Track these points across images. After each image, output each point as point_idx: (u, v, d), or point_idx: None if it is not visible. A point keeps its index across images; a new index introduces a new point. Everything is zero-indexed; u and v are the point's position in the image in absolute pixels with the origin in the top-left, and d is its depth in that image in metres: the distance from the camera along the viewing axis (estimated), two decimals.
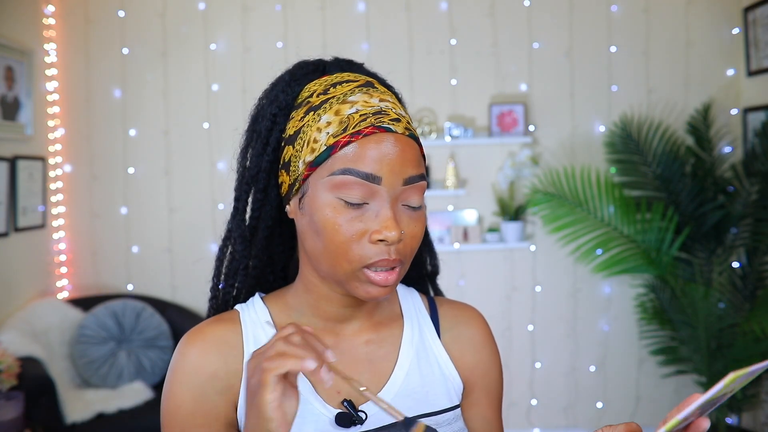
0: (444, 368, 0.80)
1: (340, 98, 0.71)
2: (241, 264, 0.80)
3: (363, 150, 0.68)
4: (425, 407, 0.77)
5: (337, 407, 0.73)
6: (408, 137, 0.71)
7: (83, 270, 3.41)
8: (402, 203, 0.70)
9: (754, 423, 3.12)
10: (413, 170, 0.70)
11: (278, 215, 0.79)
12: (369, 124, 0.69)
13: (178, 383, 0.72)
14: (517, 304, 3.42)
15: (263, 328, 0.76)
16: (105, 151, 3.41)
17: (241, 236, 0.79)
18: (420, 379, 0.78)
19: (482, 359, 0.83)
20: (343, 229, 0.68)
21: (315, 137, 0.70)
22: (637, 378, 3.38)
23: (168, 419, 0.73)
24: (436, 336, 0.82)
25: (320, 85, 0.74)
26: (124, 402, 2.75)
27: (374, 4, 3.38)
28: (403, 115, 0.73)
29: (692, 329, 2.76)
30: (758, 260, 2.94)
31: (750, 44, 3.18)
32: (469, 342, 0.83)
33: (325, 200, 0.69)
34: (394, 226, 0.67)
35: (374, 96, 0.72)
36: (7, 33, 2.94)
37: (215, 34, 3.39)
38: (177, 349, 0.75)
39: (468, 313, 0.86)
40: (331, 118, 0.70)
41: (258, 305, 0.79)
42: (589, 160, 3.30)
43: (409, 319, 0.81)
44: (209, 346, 0.74)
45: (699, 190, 2.98)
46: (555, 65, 3.37)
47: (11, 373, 2.30)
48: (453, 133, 3.25)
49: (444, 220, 3.37)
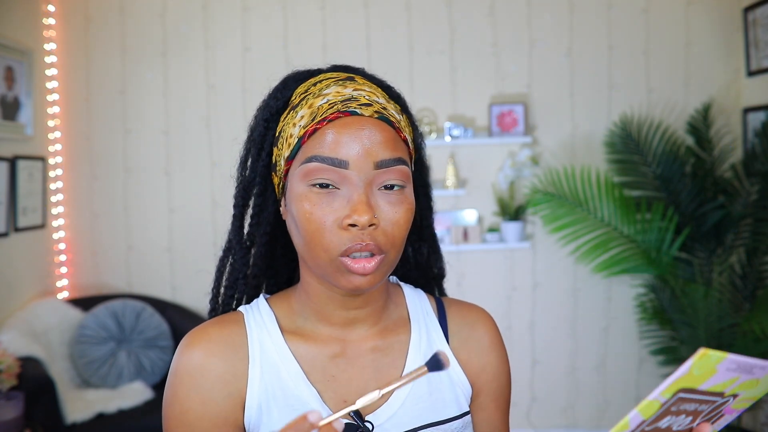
0: (453, 374, 0.78)
1: (316, 93, 0.71)
2: (241, 273, 0.79)
3: (327, 135, 0.67)
4: (433, 416, 0.75)
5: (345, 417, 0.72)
6: (378, 119, 0.69)
7: (83, 270, 3.41)
8: (377, 187, 0.68)
9: (754, 423, 3.12)
10: (386, 153, 0.68)
11: (277, 221, 0.79)
12: (335, 110, 0.68)
13: (183, 386, 0.70)
14: (517, 304, 3.42)
15: (269, 333, 0.74)
16: (105, 151, 3.41)
17: (239, 243, 0.79)
18: (428, 387, 0.75)
19: (490, 363, 0.81)
20: (315, 217, 0.67)
21: (291, 133, 0.71)
22: (637, 378, 3.38)
23: (173, 424, 0.70)
24: (444, 340, 0.80)
25: (304, 87, 0.75)
26: (124, 402, 2.75)
27: (374, 4, 3.38)
28: (380, 101, 0.71)
29: (692, 329, 2.76)
30: (758, 260, 2.94)
31: (750, 44, 3.18)
32: (477, 345, 0.81)
33: (298, 191, 0.69)
34: (365, 209, 0.65)
35: (348, 87, 0.71)
36: (7, 33, 2.94)
37: (215, 34, 3.39)
38: (179, 350, 0.73)
39: (476, 315, 0.84)
40: (305, 112, 0.70)
41: (263, 308, 0.77)
42: (589, 160, 3.30)
43: (416, 324, 0.79)
44: (214, 348, 0.72)
45: (699, 190, 2.98)
46: (555, 65, 3.37)
47: (11, 373, 2.29)
48: (453, 133, 3.25)
49: (444, 220, 3.37)
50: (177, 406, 0.70)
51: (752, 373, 0.53)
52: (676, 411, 0.53)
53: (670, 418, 0.53)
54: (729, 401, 0.56)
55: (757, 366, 0.53)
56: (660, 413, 0.52)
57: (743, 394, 0.56)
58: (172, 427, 0.71)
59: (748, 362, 0.52)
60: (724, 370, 0.51)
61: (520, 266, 3.42)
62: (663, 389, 0.50)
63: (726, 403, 0.56)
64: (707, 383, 0.52)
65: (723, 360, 0.50)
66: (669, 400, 0.51)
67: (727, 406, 0.57)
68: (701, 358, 0.49)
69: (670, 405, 0.52)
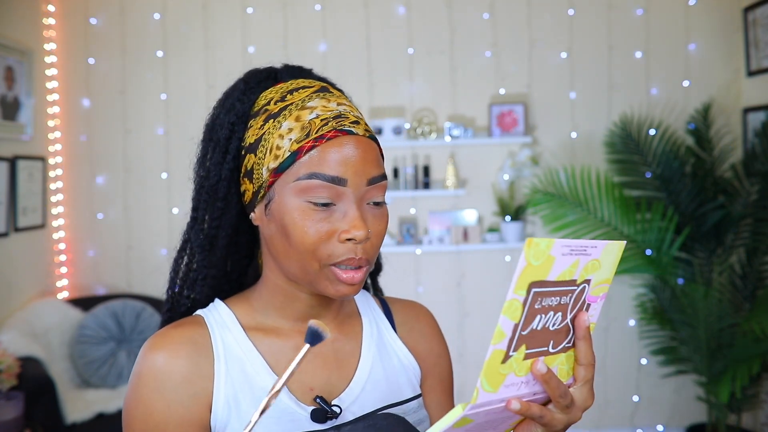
0: (403, 359, 0.84)
1: (299, 104, 0.73)
2: (200, 274, 0.79)
3: (327, 154, 0.70)
4: (391, 398, 0.80)
5: (311, 404, 0.74)
6: (368, 138, 0.73)
7: (83, 270, 3.41)
8: (366, 202, 0.73)
9: (754, 423, 3.12)
10: (375, 170, 0.72)
11: (237, 223, 0.79)
12: (331, 128, 0.71)
13: (148, 389, 0.71)
14: None
15: (230, 330, 0.76)
16: (105, 151, 3.41)
17: (200, 246, 0.79)
18: (383, 371, 0.81)
19: (433, 348, 0.88)
20: (311, 231, 0.70)
21: (278, 144, 0.71)
22: (637, 378, 3.38)
23: (138, 426, 0.70)
24: (392, 330, 0.86)
25: (277, 93, 0.76)
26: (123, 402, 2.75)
27: (374, 4, 3.38)
28: (360, 117, 0.76)
29: (692, 329, 2.76)
30: (758, 260, 2.94)
31: (750, 44, 3.18)
32: (420, 333, 0.88)
33: (292, 204, 0.70)
34: (362, 225, 0.70)
35: (331, 101, 0.74)
36: (7, 33, 2.94)
37: (215, 34, 3.39)
38: (141, 354, 0.73)
39: (417, 309, 0.91)
40: (293, 125, 0.71)
41: (221, 308, 0.79)
42: (589, 160, 3.30)
43: (366, 317, 0.85)
44: (178, 349, 0.72)
45: (699, 190, 2.98)
46: (555, 65, 3.37)
47: (11, 373, 2.29)
48: (453, 133, 3.25)
49: (444, 220, 3.37)
50: (141, 409, 0.70)
51: (587, 254, 0.56)
52: (540, 308, 0.55)
53: (540, 317, 0.55)
54: (585, 288, 0.59)
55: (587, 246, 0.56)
56: (527, 314, 0.54)
57: (594, 277, 0.59)
58: (135, 428, 0.71)
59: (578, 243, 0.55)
60: (560, 256, 0.54)
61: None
62: (514, 286, 0.52)
63: (584, 291, 0.59)
64: (552, 272, 0.54)
65: (553, 245, 0.52)
66: (527, 299, 0.53)
67: (587, 293, 0.60)
68: (530, 246, 0.51)
69: (532, 303, 0.54)
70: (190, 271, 0.80)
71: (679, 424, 3.36)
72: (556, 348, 0.59)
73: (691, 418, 3.32)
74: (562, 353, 0.60)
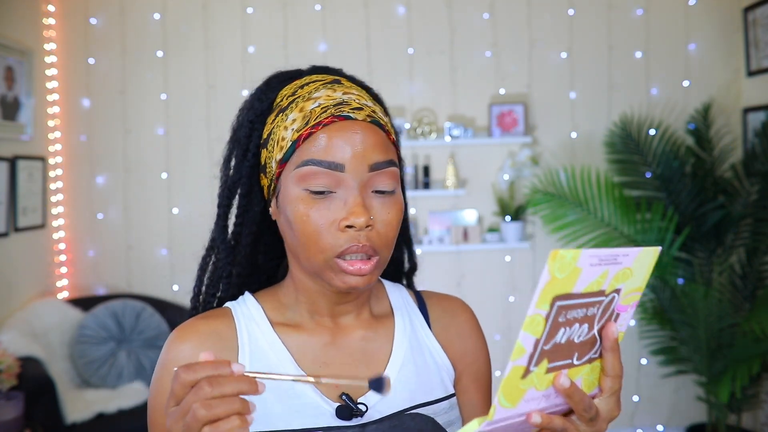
0: (437, 357, 0.81)
1: (305, 96, 0.73)
2: (224, 272, 0.80)
3: (323, 139, 0.69)
4: (421, 397, 0.77)
5: (337, 401, 0.73)
6: (370, 123, 0.71)
7: (83, 270, 3.41)
8: (372, 189, 0.70)
9: (754, 423, 3.12)
10: (379, 156, 0.70)
11: (262, 221, 0.79)
12: (329, 114, 0.70)
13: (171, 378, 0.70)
14: (517, 304, 3.42)
15: (257, 323, 0.76)
16: (105, 151, 3.41)
17: (224, 243, 0.79)
18: (415, 369, 0.78)
19: (470, 347, 0.85)
20: (311, 219, 0.69)
21: (282, 135, 0.72)
22: (637, 378, 3.37)
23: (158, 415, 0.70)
24: (426, 327, 0.83)
25: (290, 89, 0.76)
26: (124, 402, 2.75)
27: (374, 4, 3.38)
28: (369, 105, 0.74)
29: (692, 329, 2.76)
30: (758, 260, 2.94)
31: (750, 44, 3.18)
32: (456, 331, 0.85)
33: (293, 194, 0.70)
34: (362, 211, 0.68)
35: (338, 90, 0.73)
36: (7, 33, 2.94)
37: (215, 34, 3.39)
38: (167, 344, 0.73)
39: (455, 304, 0.87)
40: (296, 116, 0.72)
41: (250, 301, 0.79)
42: (589, 160, 3.30)
43: (399, 313, 0.82)
44: (203, 340, 0.73)
45: (699, 190, 2.98)
46: (555, 65, 3.37)
47: (11, 373, 2.29)
48: (453, 133, 3.25)
49: (444, 220, 3.37)
50: (163, 396, 0.70)
51: (618, 263, 0.53)
52: (564, 321, 0.52)
53: (564, 330, 0.52)
54: (615, 298, 0.56)
55: (618, 254, 0.52)
56: (550, 328, 0.51)
57: (624, 286, 0.56)
58: (157, 417, 0.70)
59: (607, 252, 0.51)
60: (587, 266, 0.50)
61: (520, 266, 3.42)
62: (536, 301, 0.49)
63: (613, 301, 0.56)
64: (579, 285, 0.51)
65: (580, 256, 0.49)
66: (550, 312, 0.50)
67: (617, 303, 0.56)
68: (554, 259, 0.48)
69: (555, 317, 0.51)
70: (215, 269, 0.80)
71: (679, 424, 3.36)
72: (581, 360, 0.56)
73: (691, 418, 3.32)
74: (587, 364, 0.57)
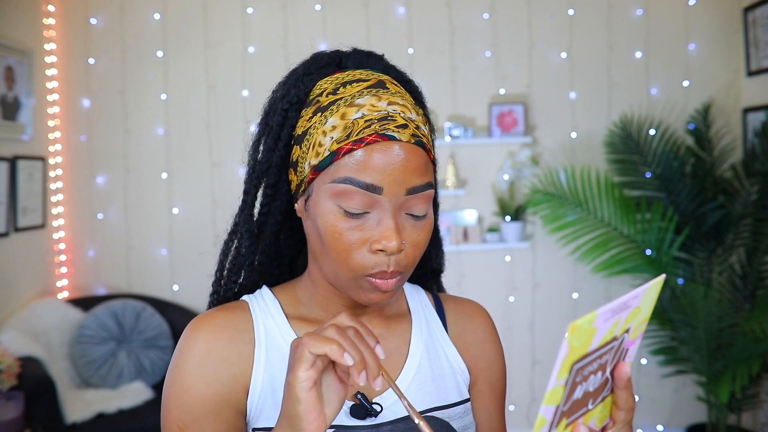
0: (452, 361, 0.80)
1: (348, 100, 0.69)
2: (248, 260, 0.79)
3: (365, 159, 0.66)
4: (437, 400, 0.77)
5: (351, 399, 0.73)
6: (414, 144, 0.68)
7: (83, 270, 3.41)
8: (405, 212, 0.69)
9: (754, 423, 3.12)
10: (417, 179, 0.68)
11: (287, 210, 0.78)
12: (373, 131, 0.67)
13: (188, 366, 0.71)
14: (517, 304, 3.42)
15: (274, 318, 0.76)
16: (105, 151, 3.41)
17: (248, 231, 0.78)
18: (430, 372, 0.78)
19: (486, 352, 0.84)
20: (343, 238, 0.67)
21: (320, 141, 0.69)
22: (637, 378, 3.37)
23: (174, 403, 0.70)
24: (443, 330, 0.82)
25: (331, 84, 0.72)
26: (124, 402, 2.75)
27: (374, 4, 3.38)
28: (412, 119, 0.70)
29: (692, 329, 2.76)
30: (758, 260, 2.94)
31: (750, 44, 3.18)
32: (473, 335, 0.84)
33: (326, 207, 0.68)
34: (395, 236, 0.66)
35: (383, 98, 0.70)
36: (7, 33, 2.94)
37: (215, 34, 3.39)
38: (184, 334, 0.73)
39: (472, 308, 0.87)
40: (337, 122, 0.68)
41: (267, 295, 0.78)
42: (589, 160, 3.30)
43: (416, 315, 0.82)
44: (220, 331, 0.73)
45: (699, 190, 2.98)
46: (555, 65, 3.37)
47: (11, 373, 2.29)
48: (453, 133, 3.25)
49: (444, 220, 3.37)
50: (179, 385, 0.70)
51: (628, 306, 0.53)
52: (581, 379, 0.52)
53: (581, 387, 0.53)
54: (625, 338, 0.56)
55: (629, 299, 0.52)
56: (568, 392, 0.51)
57: (633, 324, 0.56)
58: (171, 406, 0.71)
59: (619, 303, 0.51)
60: (602, 322, 0.50)
61: (520, 266, 3.42)
62: (556, 375, 0.48)
63: (623, 341, 0.56)
64: (594, 343, 0.51)
65: (595, 319, 0.49)
66: (569, 378, 0.50)
67: (626, 341, 0.57)
68: (573, 332, 0.47)
69: (573, 379, 0.51)
70: (238, 255, 0.79)
71: (679, 424, 3.36)
72: (594, 403, 0.56)
73: (691, 418, 3.32)
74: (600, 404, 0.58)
